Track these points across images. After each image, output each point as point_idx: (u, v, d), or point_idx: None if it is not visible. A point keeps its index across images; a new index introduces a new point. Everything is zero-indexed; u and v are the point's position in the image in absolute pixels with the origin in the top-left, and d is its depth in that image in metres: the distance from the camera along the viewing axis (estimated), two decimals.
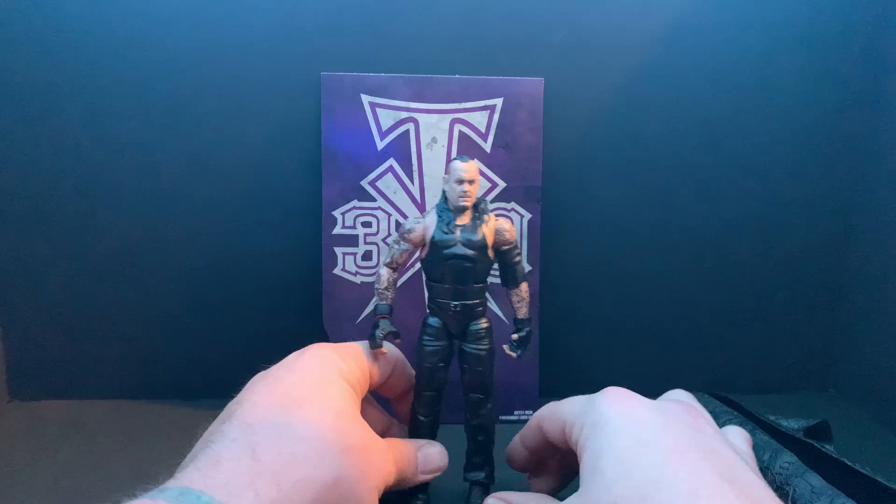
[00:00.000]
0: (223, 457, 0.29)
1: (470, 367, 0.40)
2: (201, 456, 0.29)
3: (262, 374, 0.37)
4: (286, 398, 0.33)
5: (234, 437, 0.30)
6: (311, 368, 0.35)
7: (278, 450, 0.30)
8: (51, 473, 0.44)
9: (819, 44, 0.54)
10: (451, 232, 0.38)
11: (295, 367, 0.35)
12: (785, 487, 0.37)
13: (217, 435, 0.31)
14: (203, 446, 0.30)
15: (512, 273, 0.40)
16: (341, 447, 0.32)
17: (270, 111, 0.52)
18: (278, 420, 0.31)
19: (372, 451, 0.34)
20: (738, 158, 0.55)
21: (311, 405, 0.33)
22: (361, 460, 0.33)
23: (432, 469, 0.40)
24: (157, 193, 0.53)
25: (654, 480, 0.27)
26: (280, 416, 0.31)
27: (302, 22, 0.51)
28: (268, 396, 0.33)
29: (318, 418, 0.32)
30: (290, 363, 0.36)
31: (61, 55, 0.50)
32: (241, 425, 0.31)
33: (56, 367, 0.55)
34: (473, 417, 0.41)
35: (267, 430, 0.31)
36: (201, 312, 0.55)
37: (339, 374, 0.36)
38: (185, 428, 0.50)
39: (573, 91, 0.53)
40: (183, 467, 0.29)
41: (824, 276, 0.57)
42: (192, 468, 0.28)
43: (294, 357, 0.37)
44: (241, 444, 0.30)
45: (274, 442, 0.30)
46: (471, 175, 0.38)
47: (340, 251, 0.52)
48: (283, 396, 0.33)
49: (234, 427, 0.31)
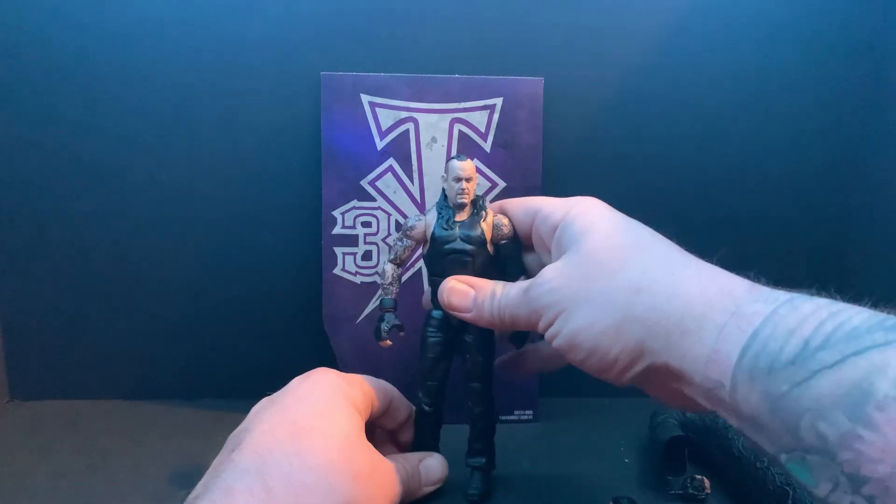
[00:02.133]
0: (235, 488, 0.29)
1: (472, 356, 0.42)
2: (213, 487, 0.30)
3: (267, 400, 0.37)
4: (294, 426, 0.33)
5: (245, 468, 0.30)
6: (317, 394, 0.36)
7: (289, 480, 0.30)
8: (50, 473, 0.44)
9: (819, 44, 0.54)
10: (451, 228, 0.40)
11: (300, 395, 0.36)
12: (786, 488, 0.37)
13: (227, 464, 0.31)
14: (213, 477, 0.31)
15: (511, 266, 0.41)
16: (351, 474, 0.32)
17: (270, 111, 0.52)
18: (288, 449, 0.32)
19: (379, 474, 0.35)
20: (738, 158, 0.55)
21: (319, 433, 0.33)
22: (370, 485, 0.33)
23: (434, 481, 0.41)
24: (157, 193, 0.53)
25: (648, 241, 0.33)
26: (290, 445, 0.32)
27: (302, 22, 0.51)
28: (276, 425, 0.33)
29: (326, 446, 0.33)
30: (294, 389, 0.36)
31: (61, 55, 0.50)
32: (251, 455, 0.31)
33: (56, 367, 0.55)
34: (475, 405, 0.42)
35: (278, 460, 0.31)
36: (201, 312, 0.55)
37: (345, 399, 0.36)
38: (185, 428, 0.51)
39: (573, 91, 0.53)
40: (195, 499, 0.29)
41: (824, 276, 0.57)
42: (205, 500, 0.29)
43: (298, 382, 0.37)
44: (253, 475, 0.30)
45: (285, 472, 0.31)
46: (468, 173, 0.40)
47: (340, 251, 0.52)
48: (291, 425, 0.33)
49: (245, 457, 0.31)
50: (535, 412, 0.54)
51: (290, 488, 0.30)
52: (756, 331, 0.26)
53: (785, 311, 0.26)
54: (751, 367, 0.26)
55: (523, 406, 0.53)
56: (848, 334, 0.24)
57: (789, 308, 0.26)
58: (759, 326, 0.26)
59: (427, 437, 0.43)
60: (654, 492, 0.43)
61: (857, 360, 0.23)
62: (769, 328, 0.26)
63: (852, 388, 0.23)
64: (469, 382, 0.42)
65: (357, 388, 0.38)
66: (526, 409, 0.53)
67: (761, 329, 0.26)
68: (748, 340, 0.26)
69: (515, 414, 0.53)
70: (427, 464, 0.41)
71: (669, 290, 0.30)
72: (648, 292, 0.30)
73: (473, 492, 0.41)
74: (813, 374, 0.24)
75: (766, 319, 0.26)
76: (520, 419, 0.53)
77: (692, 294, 0.29)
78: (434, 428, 0.43)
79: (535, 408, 0.54)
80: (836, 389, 0.23)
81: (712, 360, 0.28)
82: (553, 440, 0.50)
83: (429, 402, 0.42)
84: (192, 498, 0.30)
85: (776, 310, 0.27)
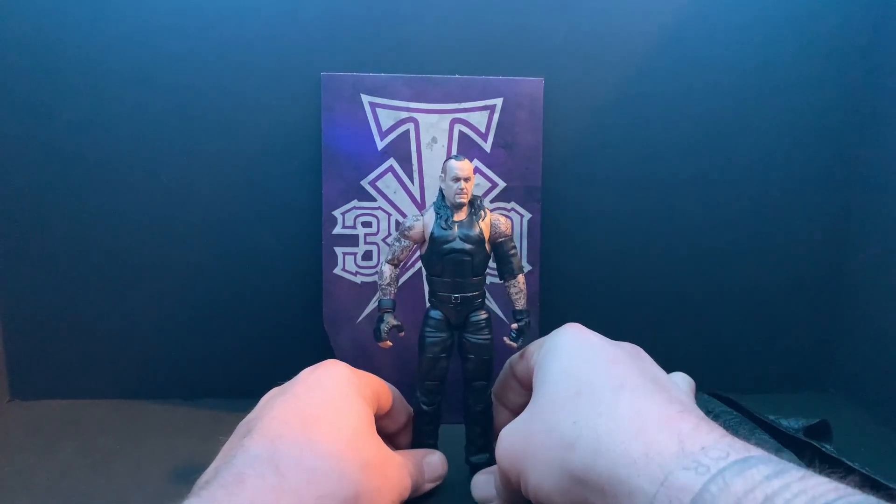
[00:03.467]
0: (247, 473, 0.29)
1: (475, 356, 0.42)
2: (224, 472, 0.29)
3: (277, 389, 0.37)
4: (304, 415, 0.33)
5: (257, 453, 0.30)
6: (327, 385, 0.36)
7: (300, 466, 0.30)
8: (51, 473, 0.44)
9: (819, 44, 0.54)
10: (449, 228, 0.40)
11: (311, 384, 0.36)
12: None
13: (239, 450, 0.31)
14: (225, 462, 0.31)
15: (508, 265, 0.42)
16: (360, 463, 0.32)
17: (270, 111, 0.52)
18: (299, 437, 0.32)
19: (388, 466, 0.35)
20: (738, 157, 0.55)
21: (329, 422, 0.33)
22: (379, 476, 0.33)
23: (436, 477, 0.41)
24: (158, 193, 0.53)
25: (588, 381, 0.32)
26: (300, 433, 0.32)
27: (302, 22, 0.51)
28: (287, 413, 0.33)
29: (336, 436, 0.33)
30: (304, 379, 0.37)
31: (61, 56, 0.50)
32: (262, 440, 0.31)
33: (56, 367, 0.55)
34: (476, 404, 0.43)
35: (289, 446, 0.31)
36: (201, 312, 0.55)
37: (354, 390, 0.36)
38: (185, 428, 0.51)
39: (573, 91, 0.53)
40: (206, 485, 0.29)
41: (824, 275, 0.57)
42: (216, 485, 0.28)
43: (308, 373, 0.37)
44: (264, 460, 0.30)
45: (296, 458, 0.31)
46: (466, 173, 0.40)
47: (340, 251, 0.52)
48: (301, 413, 0.33)
49: (256, 442, 0.31)
50: None
51: (301, 474, 0.30)
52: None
53: (716, 488, 0.24)
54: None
55: None
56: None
57: (721, 485, 0.24)
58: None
59: (425, 435, 0.43)
60: None
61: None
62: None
63: None
64: (471, 382, 0.42)
65: (366, 382, 0.38)
66: None
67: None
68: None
69: None
70: (429, 460, 0.41)
71: (595, 444, 0.28)
72: (579, 447, 0.29)
73: None
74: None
75: (694, 498, 0.24)
76: None
77: (617, 453, 0.27)
78: (432, 427, 0.44)
79: None
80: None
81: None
82: None
83: (427, 402, 0.43)
84: (203, 482, 0.30)
85: (706, 486, 0.24)
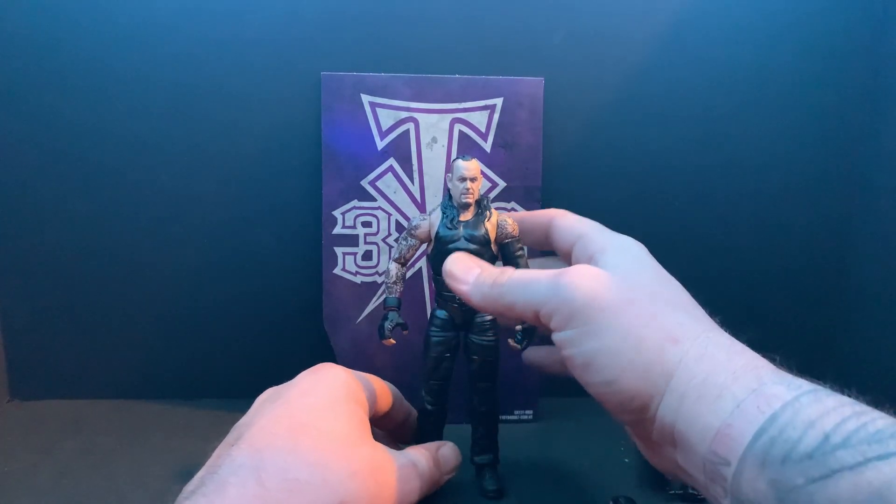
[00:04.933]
0: (229, 482, 0.30)
1: (480, 356, 0.42)
2: (209, 482, 0.30)
3: (271, 392, 0.37)
4: (293, 422, 0.33)
5: (241, 463, 0.31)
6: (320, 390, 0.36)
7: (283, 476, 0.30)
8: (51, 473, 0.44)
9: (819, 43, 0.54)
10: (455, 228, 0.40)
11: (303, 389, 0.36)
12: None
13: (225, 459, 0.31)
14: (210, 471, 0.31)
15: (515, 266, 0.42)
16: (348, 471, 0.32)
17: (270, 111, 0.52)
18: (285, 445, 0.32)
19: (384, 472, 0.35)
20: (738, 158, 0.55)
21: (316, 430, 0.33)
22: (372, 483, 0.33)
23: (450, 469, 0.41)
24: (157, 193, 0.53)
25: (676, 294, 0.33)
26: (286, 441, 0.32)
27: (302, 22, 0.51)
28: (275, 420, 0.33)
29: (323, 444, 0.33)
30: (299, 384, 0.37)
31: (61, 55, 0.50)
32: (248, 450, 0.31)
33: (56, 367, 0.55)
34: (482, 404, 0.43)
35: (273, 456, 0.31)
36: (201, 312, 0.55)
37: (350, 394, 0.36)
38: (185, 428, 0.51)
39: (573, 91, 0.53)
40: (191, 493, 0.30)
41: (824, 274, 0.57)
42: (199, 495, 0.29)
43: (303, 377, 0.37)
44: (248, 470, 0.30)
45: (280, 468, 0.31)
46: (473, 173, 0.40)
47: (340, 251, 0.52)
48: (290, 420, 0.33)
49: (242, 451, 0.31)
50: (534, 412, 0.54)
51: (283, 484, 0.30)
52: (775, 414, 0.25)
53: (807, 400, 0.25)
54: (764, 451, 0.25)
55: (523, 406, 0.53)
56: (871, 436, 0.23)
57: (812, 398, 0.25)
58: (779, 410, 0.25)
59: (430, 435, 0.43)
60: (653, 492, 0.43)
61: (881, 465, 0.22)
62: (789, 414, 0.25)
63: (873, 496, 0.22)
64: (476, 382, 0.43)
65: (363, 385, 0.38)
66: (526, 408, 0.53)
67: (780, 413, 0.25)
68: (765, 423, 0.25)
69: (515, 414, 0.53)
70: (441, 452, 0.41)
71: (700, 349, 0.29)
72: (682, 346, 0.30)
73: (492, 487, 0.42)
74: (832, 472, 0.23)
75: (786, 405, 0.25)
76: (520, 419, 0.53)
77: (719, 360, 0.29)
78: (437, 426, 0.44)
79: (534, 407, 0.54)
80: (856, 494, 0.22)
81: (723, 434, 0.26)
82: (553, 440, 0.50)
83: (432, 401, 0.43)
84: (188, 492, 0.30)
85: (798, 397, 0.26)
